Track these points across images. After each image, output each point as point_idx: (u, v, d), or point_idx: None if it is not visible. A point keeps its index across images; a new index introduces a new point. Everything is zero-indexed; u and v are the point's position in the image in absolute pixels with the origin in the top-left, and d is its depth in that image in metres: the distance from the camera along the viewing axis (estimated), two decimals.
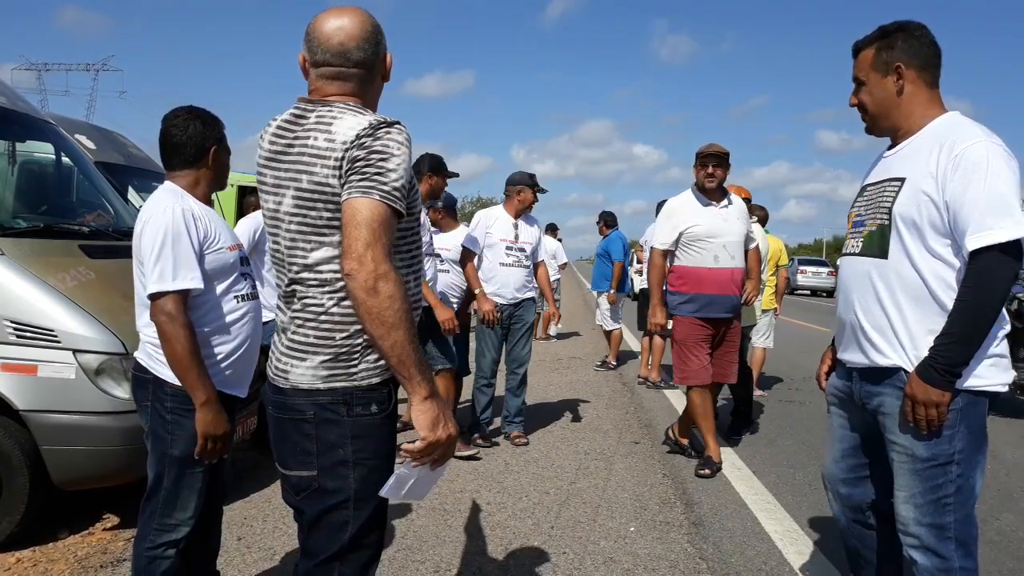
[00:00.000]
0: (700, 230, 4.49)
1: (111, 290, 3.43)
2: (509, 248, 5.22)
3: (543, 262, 5.56)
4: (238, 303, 2.38)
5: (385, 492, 1.61)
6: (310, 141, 1.63)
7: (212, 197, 2.51)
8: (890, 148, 2.20)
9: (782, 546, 3.43)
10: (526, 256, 5.31)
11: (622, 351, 9.22)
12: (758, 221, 5.98)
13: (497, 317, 5.10)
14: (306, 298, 1.66)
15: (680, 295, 4.55)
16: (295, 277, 1.68)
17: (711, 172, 4.53)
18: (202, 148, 2.39)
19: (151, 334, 2.27)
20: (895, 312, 2.04)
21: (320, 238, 1.63)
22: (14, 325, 3.15)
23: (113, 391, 3.18)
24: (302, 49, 1.72)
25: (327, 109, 1.66)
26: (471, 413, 5.26)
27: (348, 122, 1.61)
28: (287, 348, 1.69)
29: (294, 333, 1.68)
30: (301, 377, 1.65)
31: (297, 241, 1.66)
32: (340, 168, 1.58)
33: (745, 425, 5.54)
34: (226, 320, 2.33)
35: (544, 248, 11.61)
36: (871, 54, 2.14)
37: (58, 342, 3.14)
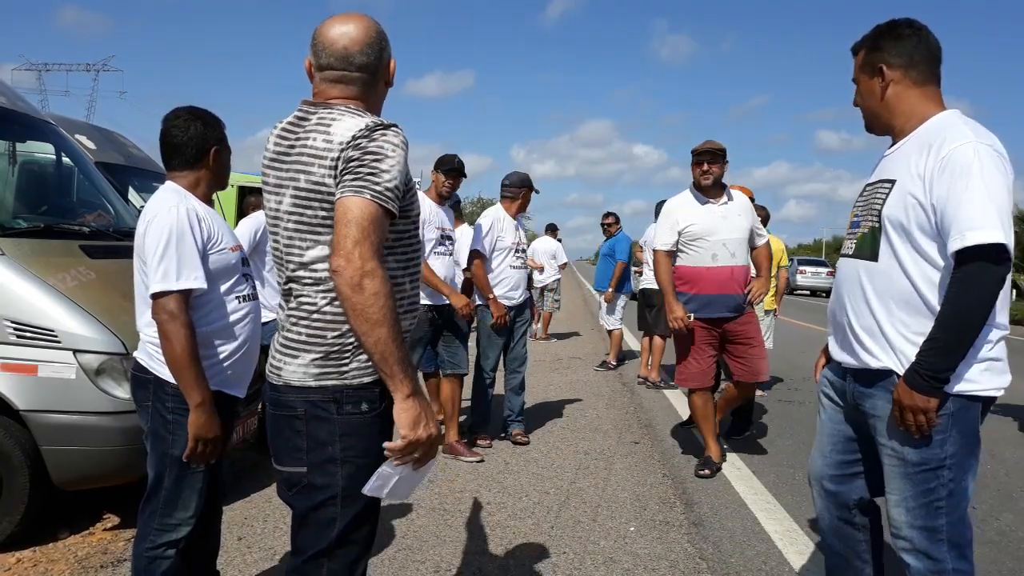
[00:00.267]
0: (697, 229, 4.46)
1: (111, 290, 3.43)
2: (518, 251, 5.24)
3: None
4: (239, 303, 2.38)
5: (367, 490, 1.62)
6: (309, 142, 1.66)
7: (212, 197, 2.52)
8: (889, 147, 2.19)
9: (782, 546, 3.43)
10: (526, 256, 5.40)
11: (622, 351, 9.22)
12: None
13: (507, 320, 5.12)
14: (301, 296, 1.69)
15: (682, 296, 4.54)
16: (291, 275, 1.70)
17: (706, 169, 4.49)
18: (203, 149, 2.39)
19: (152, 334, 2.27)
20: (884, 315, 2.02)
21: (316, 237, 1.66)
22: (14, 325, 3.15)
23: (113, 391, 3.18)
24: (308, 54, 1.75)
25: (328, 111, 1.69)
26: (471, 414, 5.27)
27: (346, 123, 1.64)
28: (281, 345, 1.73)
29: (288, 331, 1.71)
30: (293, 374, 1.68)
31: (294, 239, 1.69)
32: (336, 168, 1.61)
33: (745, 425, 5.54)
34: (228, 320, 2.34)
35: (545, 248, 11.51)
36: (861, 55, 2.15)
37: (58, 342, 3.15)
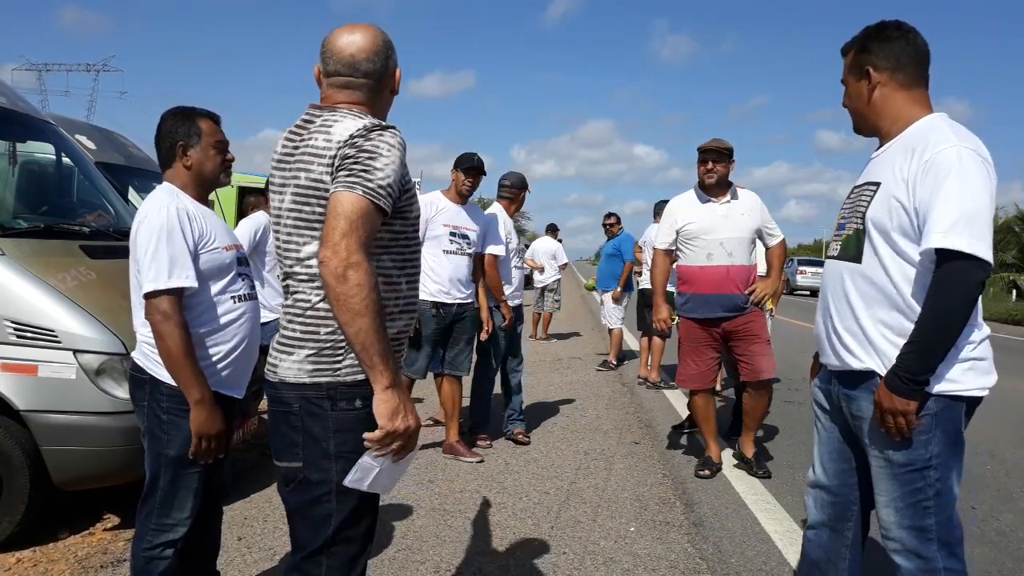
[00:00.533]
0: (694, 228, 4.44)
1: (111, 290, 3.43)
2: (519, 252, 5.24)
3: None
4: (235, 303, 2.37)
5: (348, 481, 1.63)
6: (311, 141, 1.71)
7: (211, 197, 2.51)
8: (877, 149, 2.19)
9: (782, 546, 3.43)
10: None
11: (622, 351, 9.21)
12: None
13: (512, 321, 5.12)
14: (296, 292, 1.73)
15: (682, 296, 4.54)
16: (289, 271, 1.74)
17: (711, 168, 4.44)
18: (171, 147, 2.37)
19: (147, 334, 2.27)
20: (866, 316, 2.02)
21: (312, 233, 1.69)
22: (14, 325, 3.15)
23: (113, 391, 3.18)
24: (317, 62, 1.81)
25: (332, 114, 1.74)
26: (471, 414, 5.26)
27: (346, 124, 1.69)
28: (278, 342, 1.76)
29: (284, 328, 1.74)
30: (288, 371, 1.70)
31: (292, 236, 1.72)
32: (333, 165, 1.65)
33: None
34: (222, 320, 2.33)
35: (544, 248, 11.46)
36: (850, 57, 2.15)
37: (58, 342, 3.15)
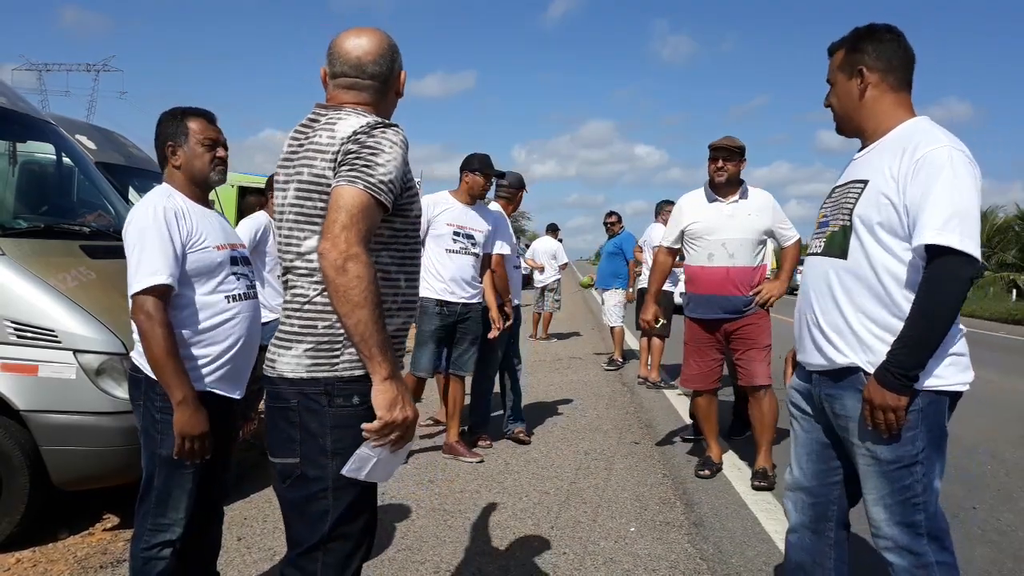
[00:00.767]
0: (698, 227, 4.39)
1: (111, 290, 3.42)
2: (516, 252, 5.23)
3: None
4: (229, 303, 2.35)
5: (346, 471, 1.65)
6: (315, 138, 1.74)
7: (211, 197, 2.51)
8: (860, 151, 2.21)
9: (783, 547, 3.42)
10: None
11: (622, 350, 9.20)
12: None
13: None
14: (295, 287, 1.74)
15: (686, 295, 4.53)
16: (289, 265, 1.75)
17: (721, 166, 4.35)
18: (162, 148, 2.40)
19: None
20: (852, 312, 2.03)
21: (313, 227, 1.71)
22: (15, 325, 3.15)
23: (113, 391, 3.18)
24: (324, 63, 1.84)
25: (336, 112, 1.77)
26: (471, 414, 5.25)
27: (350, 121, 1.72)
28: (276, 337, 1.76)
29: (282, 323, 1.76)
30: (286, 366, 1.71)
31: (293, 231, 1.74)
32: (335, 161, 1.67)
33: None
34: (215, 320, 2.31)
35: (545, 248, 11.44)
36: (840, 56, 2.15)
37: (58, 342, 3.15)
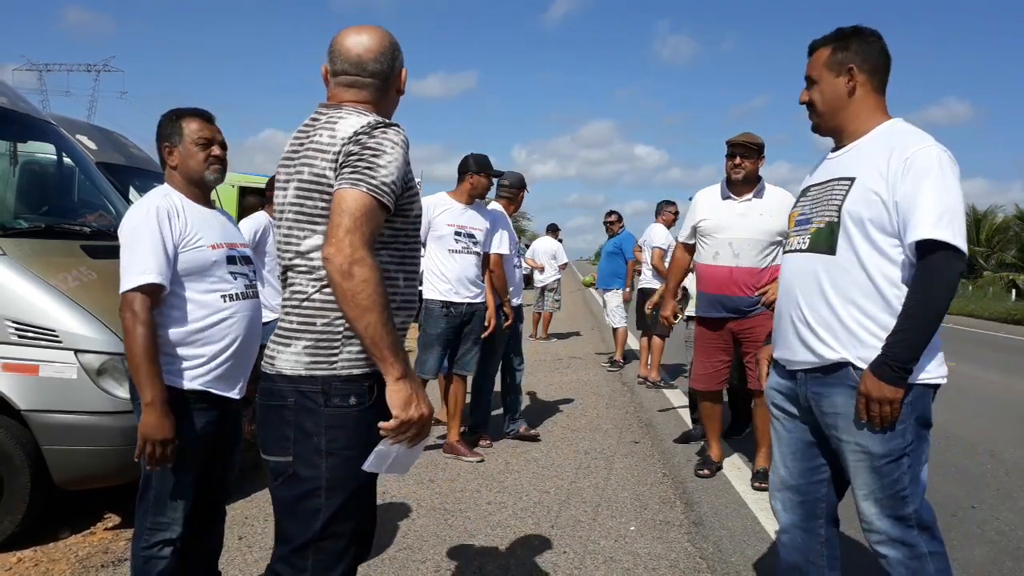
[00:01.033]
0: (708, 225, 4.32)
1: (112, 290, 3.39)
2: (517, 252, 5.23)
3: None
4: (225, 302, 2.33)
5: (367, 466, 1.66)
6: (316, 138, 1.74)
7: (212, 196, 2.51)
8: (834, 150, 2.24)
9: None
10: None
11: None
12: None
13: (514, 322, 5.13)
14: (294, 285, 1.75)
15: (698, 294, 4.50)
16: (288, 264, 1.76)
17: (738, 163, 4.25)
18: (160, 148, 2.41)
19: None
20: (842, 307, 2.06)
21: (313, 227, 1.71)
22: (16, 325, 3.15)
23: (115, 391, 3.18)
24: (325, 61, 1.83)
25: (337, 111, 1.77)
26: (472, 414, 5.24)
27: (351, 121, 1.72)
28: (276, 334, 1.77)
29: (282, 320, 1.76)
30: (285, 363, 1.71)
31: (293, 229, 1.74)
32: (337, 162, 1.67)
33: (745, 424, 5.54)
34: (210, 320, 2.30)
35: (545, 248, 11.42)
36: (827, 53, 2.16)
37: (59, 342, 3.15)
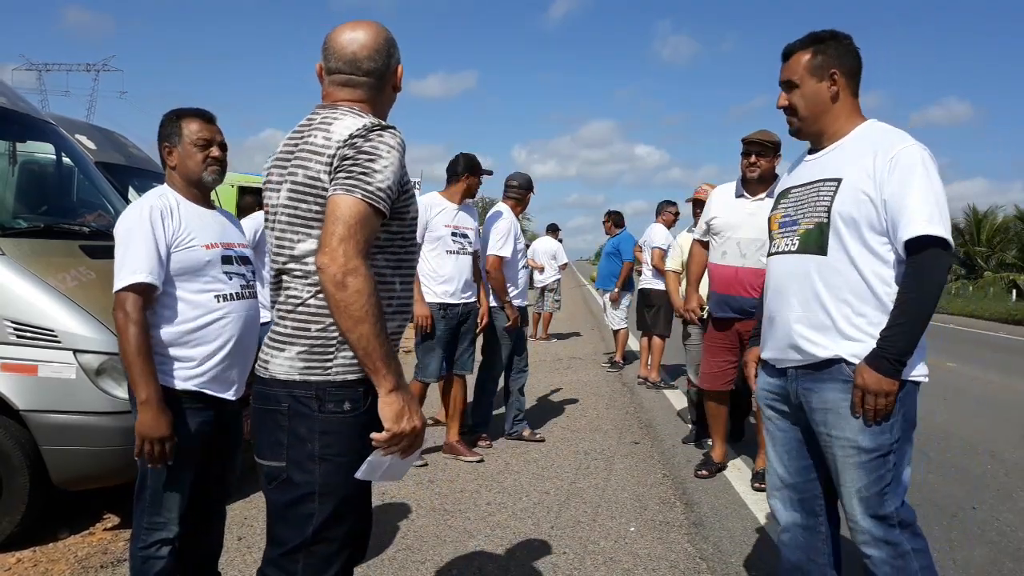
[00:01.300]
0: (718, 223, 4.29)
1: (111, 290, 3.42)
2: (523, 253, 5.23)
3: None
4: (219, 303, 2.32)
5: (360, 475, 1.65)
6: (310, 139, 1.70)
7: (212, 196, 2.51)
8: (812, 152, 2.25)
9: None
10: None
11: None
12: None
13: (518, 322, 5.12)
14: (288, 289, 1.72)
15: (709, 293, 4.46)
16: (282, 268, 1.73)
17: (753, 162, 4.19)
18: (160, 149, 2.42)
19: None
20: (835, 305, 2.09)
21: (307, 230, 1.68)
22: (14, 325, 3.15)
23: (113, 391, 3.17)
24: (320, 59, 1.80)
25: (332, 111, 1.74)
26: (472, 414, 5.24)
27: (346, 123, 1.68)
28: (270, 338, 1.75)
29: (276, 324, 1.74)
30: (279, 367, 1.70)
31: (286, 232, 1.72)
32: (331, 165, 1.64)
33: (738, 421, 5.52)
34: (204, 320, 2.29)
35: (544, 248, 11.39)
36: (806, 58, 2.16)
37: (58, 342, 3.15)
